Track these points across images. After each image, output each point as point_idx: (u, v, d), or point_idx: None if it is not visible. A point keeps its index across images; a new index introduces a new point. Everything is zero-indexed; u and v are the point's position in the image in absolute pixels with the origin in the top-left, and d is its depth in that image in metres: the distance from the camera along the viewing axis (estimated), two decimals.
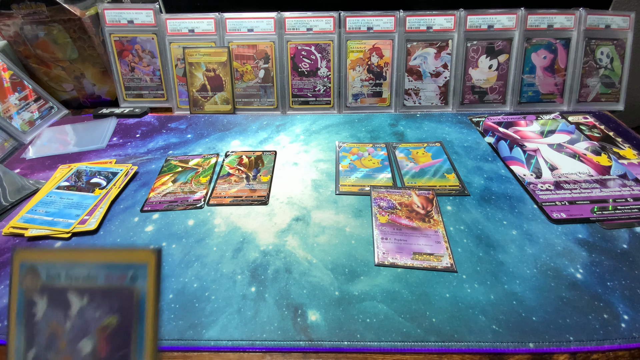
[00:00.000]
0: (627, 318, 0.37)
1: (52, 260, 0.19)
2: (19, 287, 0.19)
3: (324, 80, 0.77)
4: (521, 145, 0.64)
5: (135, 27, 0.77)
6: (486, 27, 0.75)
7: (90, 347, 0.18)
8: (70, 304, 0.18)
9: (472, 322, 0.37)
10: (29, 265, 0.19)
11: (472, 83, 0.77)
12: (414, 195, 0.53)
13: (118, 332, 0.17)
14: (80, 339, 0.18)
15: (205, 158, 0.64)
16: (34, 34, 0.75)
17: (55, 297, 0.18)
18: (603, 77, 0.76)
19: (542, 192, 0.53)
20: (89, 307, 0.18)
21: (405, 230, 0.48)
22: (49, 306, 0.18)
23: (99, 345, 0.17)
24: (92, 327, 0.18)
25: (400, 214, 0.50)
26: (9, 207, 0.54)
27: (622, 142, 0.64)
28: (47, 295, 0.18)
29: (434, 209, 0.51)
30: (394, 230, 0.48)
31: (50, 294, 0.18)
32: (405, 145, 0.66)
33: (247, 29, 0.76)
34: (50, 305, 0.18)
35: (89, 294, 0.18)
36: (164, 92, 0.81)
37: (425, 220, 0.49)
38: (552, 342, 0.36)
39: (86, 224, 0.50)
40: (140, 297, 0.17)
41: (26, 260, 0.19)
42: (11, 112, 0.72)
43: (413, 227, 0.48)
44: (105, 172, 0.59)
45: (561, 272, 0.42)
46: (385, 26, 0.75)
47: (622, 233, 0.47)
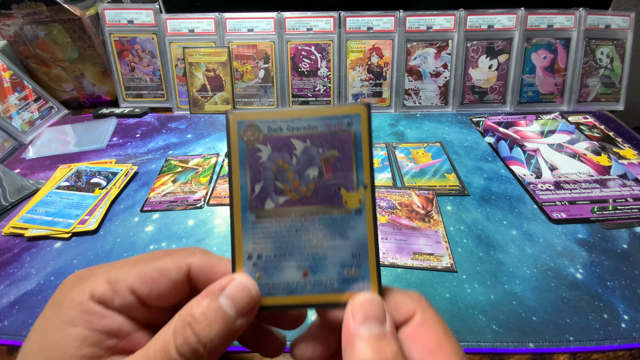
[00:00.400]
0: (627, 318, 0.37)
1: (270, 118, 0.21)
2: (239, 140, 0.21)
3: (324, 80, 0.77)
4: (521, 145, 0.64)
5: (135, 27, 0.77)
6: (486, 27, 0.75)
7: (317, 172, 0.21)
8: (294, 146, 0.21)
9: (472, 322, 0.37)
10: (248, 122, 0.21)
11: (472, 83, 0.77)
12: (414, 195, 0.53)
13: (340, 160, 0.21)
14: (306, 167, 0.21)
15: (205, 158, 0.64)
16: (34, 34, 0.75)
17: (278, 143, 0.21)
18: (603, 77, 0.76)
19: (542, 192, 0.53)
20: (312, 146, 0.21)
21: (405, 230, 0.48)
22: (274, 150, 0.21)
23: (325, 169, 0.21)
24: (317, 158, 0.21)
25: (400, 214, 0.50)
26: (9, 207, 0.54)
27: (622, 142, 0.64)
28: (270, 143, 0.21)
29: (434, 209, 0.51)
30: (393, 230, 0.48)
31: (273, 142, 0.21)
32: (405, 145, 0.66)
33: (247, 29, 0.76)
34: (275, 150, 0.21)
35: (311, 138, 0.21)
36: (164, 92, 0.81)
37: (425, 220, 0.49)
38: (552, 342, 0.36)
39: (86, 224, 0.50)
40: (357, 135, 0.21)
41: (243, 119, 0.21)
42: (11, 112, 0.72)
43: (413, 227, 0.48)
44: (105, 172, 0.59)
45: (561, 272, 0.42)
46: (385, 26, 0.75)
47: (622, 233, 0.47)
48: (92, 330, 0.19)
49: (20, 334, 0.38)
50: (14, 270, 0.45)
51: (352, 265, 0.21)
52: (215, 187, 0.57)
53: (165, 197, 0.55)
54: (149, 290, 0.20)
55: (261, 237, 0.21)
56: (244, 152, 0.21)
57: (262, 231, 0.21)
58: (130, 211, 0.53)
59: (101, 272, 0.21)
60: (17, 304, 0.41)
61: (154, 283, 0.20)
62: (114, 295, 0.20)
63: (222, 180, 0.58)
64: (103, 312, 0.19)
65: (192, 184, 0.57)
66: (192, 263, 0.21)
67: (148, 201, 0.54)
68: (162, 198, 0.55)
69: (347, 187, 0.21)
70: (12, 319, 0.39)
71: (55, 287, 0.42)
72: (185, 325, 0.18)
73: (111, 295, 0.20)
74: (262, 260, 0.21)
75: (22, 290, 0.42)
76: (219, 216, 0.52)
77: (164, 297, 0.21)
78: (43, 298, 0.41)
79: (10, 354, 0.37)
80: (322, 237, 0.21)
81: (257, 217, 0.21)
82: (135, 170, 0.61)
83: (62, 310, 0.19)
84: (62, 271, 0.44)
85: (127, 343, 0.20)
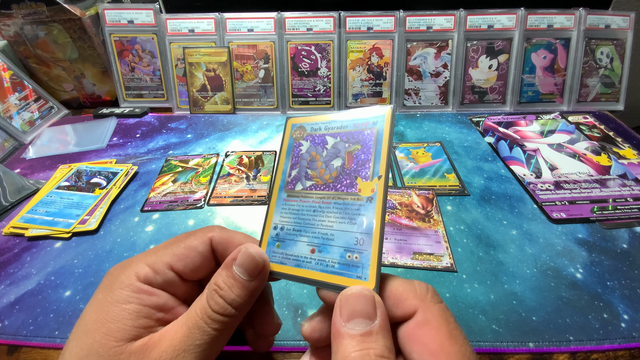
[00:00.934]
0: (627, 318, 0.37)
1: (315, 121, 0.27)
2: (290, 137, 0.28)
3: (324, 80, 0.77)
4: (521, 145, 0.64)
5: (135, 27, 0.77)
6: (486, 27, 0.75)
7: (340, 162, 0.25)
8: (327, 142, 0.26)
9: (472, 321, 0.37)
10: (299, 124, 0.28)
11: (472, 83, 0.77)
12: (414, 195, 0.53)
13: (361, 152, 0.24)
14: (333, 158, 0.25)
15: (205, 158, 0.64)
16: (34, 34, 0.75)
17: (316, 139, 0.27)
18: (603, 77, 0.76)
19: (542, 192, 0.53)
20: (340, 141, 0.25)
21: (405, 230, 0.48)
22: (311, 144, 0.27)
23: (347, 160, 0.25)
24: (342, 151, 0.25)
25: (400, 213, 0.50)
26: (9, 207, 0.54)
27: (622, 142, 0.64)
28: (309, 139, 0.27)
29: (434, 209, 0.51)
30: (394, 230, 0.48)
31: (312, 138, 0.27)
32: (405, 145, 0.66)
33: (247, 29, 0.76)
34: (312, 144, 0.27)
35: (341, 135, 0.26)
36: (164, 92, 0.81)
37: (425, 220, 0.49)
38: (552, 341, 0.36)
39: (86, 224, 0.50)
40: (379, 131, 0.24)
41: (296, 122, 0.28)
42: (11, 112, 0.72)
43: (413, 227, 0.48)
44: (106, 172, 0.59)
45: (561, 271, 0.42)
46: (385, 26, 0.75)
47: (622, 233, 0.47)
48: (144, 305, 0.22)
49: (20, 333, 0.38)
50: (14, 270, 0.45)
51: (355, 251, 0.22)
52: (215, 187, 0.57)
53: (166, 197, 0.55)
54: (184, 265, 0.24)
55: (287, 212, 0.25)
56: (291, 146, 0.27)
57: (289, 207, 0.25)
58: (130, 211, 0.53)
59: (139, 259, 0.24)
60: (17, 304, 0.41)
61: (187, 258, 0.24)
62: (156, 275, 0.23)
63: (222, 180, 0.58)
64: (151, 290, 0.23)
65: (192, 184, 0.57)
66: (213, 237, 0.25)
67: (148, 201, 0.54)
68: (162, 198, 0.55)
69: (364, 176, 0.24)
70: (12, 319, 0.39)
71: (55, 287, 0.42)
72: (212, 292, 0.22)
73: (154, 275, 0.23)
74: (284, 232, 0.25)
75: (23, 290, 0.42)
76: (219, 216, 0.52)
77: (197, 269, 0.25)
78: (43, 298, 0.41)
79: (11, 354, 0.37)
80: (333, 220, 0.23)
81: (289, 196, 0.26)
82: (136, 170, 0.61)
83: (114, 292, 0.22)
84: (62, 271, 0.44)
85: (171, 316, 0.23)
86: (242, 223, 0.50)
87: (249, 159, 0.63)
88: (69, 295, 0.41)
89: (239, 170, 0.61)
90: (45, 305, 0.40)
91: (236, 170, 0.61)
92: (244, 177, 0.59)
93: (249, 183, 0.58)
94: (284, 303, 0.40)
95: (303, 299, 0.40)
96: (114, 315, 0.21)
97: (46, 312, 0.40)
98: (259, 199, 0.54)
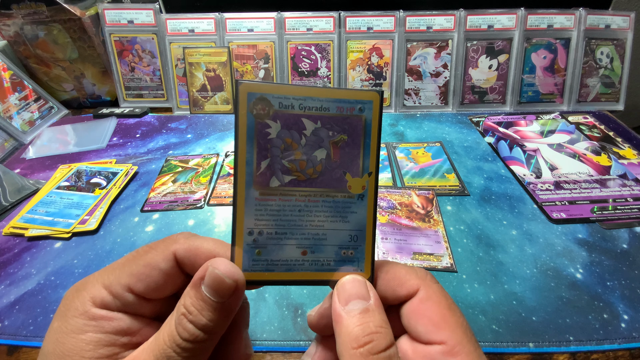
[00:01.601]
0: (627, 318, 0.37)
1: (283, 93, 0.21)
2: (249, 113, 0.21)
3: (324, 80, 0.77)
4: (521, 145, 0.64)
5: (135, 27, 0.77)
6: (486, 27, 0.75)
7: (325, 154, 0.21)
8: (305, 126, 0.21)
9: (472, 322, 0.37)
10: (259, 95, 0.21)
11: (472, 83, 0.77)
12: (414, 195, 0.53)
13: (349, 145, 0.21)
14: (315, 149, 0.21)
15: (205, 158, 0.64)
16: (34, 34, 0.75)
17: (289, 121, 0.21)
18: (603, 77, 0.76)
19: (542, 192, 0.53)
20: (322, 128, 0.21)
21: (405, 230, 0.48)
22: (283, 127, 0.21)
23: (333, 152, 0.21)
24: (325, 141, 0.21)
25: (400, 213, 0.50)
26: (9, 207, 0.54)
27: (622, 142, 0.64)
28: (280, 120, 0.21)
29: (434, 209, 0.51)
30: (394, 230, 0.48)
31: (284, 119, 0.21)
32: (405, 145, 0.66)
33: (247, 29, 0.76)
34: (284, 127, 0.21)
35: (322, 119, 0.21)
36: (164, 92, 0.81)
37: (425, 220, 0.49)
38: (552, 342, 0.36)
39: (86, 224, 0.50)
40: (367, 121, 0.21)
41: (254, 91, 0.21)
42: (11, 112, 0.72)
43: (413, 227, 0.48)
44: (105, 172, 0.59)
45: (561, 272, 0.42)
46: (385, 26, 0.75)
47: (622, 233, 0.47)
48: (104, 332, 0.20)
49: (20, 334, 0.38)
50: (14, 270, 0.45)
51: (350, 247, 0.22)
52: (215, 187, 0.57)
53: (166, 197, 0.55)
54: (145, 285, 0.21)
55: (264, 214, 0.21)
56: (252, 126, 0.21)
57: (266, 208, 0.21)
58: (130, 211, 0.53)
59: (95, 279, 0.21)
60: (17, 304, 0.41)
61: (148, 278, 0.21)
62: (113, 298, 0.20)
63: (222, 180, 0.58)
64: (109, 315, 0.20)
65: (192, 184, 0.57)
66: (177, 250, 0.22)
67: (148, 201, 0.54)
68: (162, 198, 0.55)
69: (353, 172, 0.22)
70: (12, 319, 0.39)
71: (55, 287, 0.42)
72: (181, 316, 0.19)
73: (111, 298, 0.20)
74: (263, 237, 0.21)
75: (22, 290, 0.42)
76: (219, 216, 0.52)
77: (161, 288, 0.22)
78: (43, 298, 0.41)
79: (10, 354, 0.37)
80: (324, 219, 0.22)
81: (262, 194, 0.21)
82: (136, 170, 0.61)
83: (68, 321, 0.20)
84: (62, 271, 0.44)
85: (139, 337, 0.21)
86: None
87: None
88: None
89: None
90: (45, 306, 0.40)
91: None
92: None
93: None
94: (284, 303, 0.40)
95: (303, 299, 0.40)
96: (70, 348, 0.19)
97: (46, 312, 0.40)
98: None
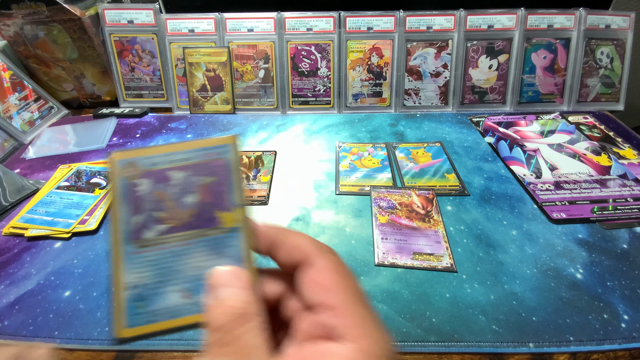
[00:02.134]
0: (627, 318, 0.37)
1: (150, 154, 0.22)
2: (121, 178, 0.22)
3: (324, 80, 0.77)
4: (521, 145, 0.64)
5: (135, 27, 0.77)
6: (486, 27, 0.75)
7: (195, 198, 0.22)
8: (172, 178, 0.22)
9: (472, 322, 0.37)
10: (128, 160, 0.22)
11: (472, 83, 0.77)
12: (414, 195, 0.53)
13: (216, 185, 0.23)
14: (185, 195, 0.22)
15: None
16: (34, 34, 0.75)
17: (157, 176, 0.22)
18: (603, 77, 0.76)
19: (542, 192, 0.53)
20: (189, 175, 0.23)
21: (405, 230, 0.48)
22: (152, 183, 0.22)
23: (203, 195, 0.22)
24: (194, 186, 0.22)
25: (400, 214, 0.50)
26: (9, 207, 0.54)
27: (622, 142, 0.64)
28: (149, 177, 0.22)
29: (434, 209, 0.51)
30: (394, 230, 0.48)
31: (153, 175, 0.22)
32: (405, 145, 0.66)
33: (247, 29, 0.76)
34: (154, 182, 0.22)
35: (189, 168, 0.23)
36: (164, 92, 0.81)
37: (425, 220, 0.49)
38: (552, 342, 0.36)
39: (86, 224, 0.50)
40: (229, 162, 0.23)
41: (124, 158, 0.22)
42: (11, 112, 0.72)
43: (413, 227, 0.48)
44: (105, 172, 0.59)
45: (561, 272, 0.42)
46: (385, 26, 0.75)
47: (622, 233, 0.47)
48: None
49: (20, 334, 0.38)
50: (14, 270, 0.45)
51: None
52: None
53: None
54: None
55: (141, 267, 0.22)
56: (124, 188, 0.22)
57: (143, 260, 0.22)
58: None
59: None
60: (17, 304, 0.41)
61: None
62: None
63: None
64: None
65: None
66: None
67: None
68: None
69: (223, 208, 0.23)
70: (12, 319, 0.39)
71: (55, 287, 0.42)
72: None
73: None
74: (143, 289, 0.21)
75: (22, 290, 0.42)
76: None
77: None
78: (43, 298, 0.41)
79: None
80: (202, 259, 0.22)
81: (138, 248, 0.22)
82: None
83: None
84: (62, 271, 0.44)
85: None
86: None
87: (248, 159, 0.63)
88: (69, 295, 0.41)
89: None
90: (45, 306, 0.40)
91: None
92: (243, 177, 0.59)
93: (248, 183, 0.58)
94: None
95: None
96: None
97: (46, 312, 0.40)
98: (259, 199, 0.54)
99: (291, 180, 0.58)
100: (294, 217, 0.51)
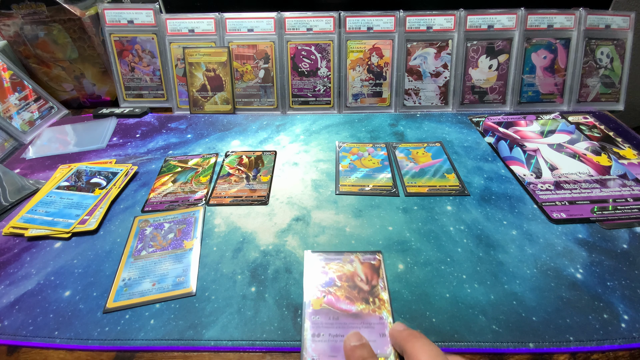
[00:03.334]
0: (627, 318, 0.37)
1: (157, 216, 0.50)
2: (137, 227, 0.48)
3: (324, 80, 0.77)
4: (521, 145, 0.64)
5: (135, 27, 0.77)
6: (486, 27, 0.75)
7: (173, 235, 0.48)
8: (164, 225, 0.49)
9: (472, 322, 0.37)
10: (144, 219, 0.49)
11: (472, 83, 0.77)
12: (357, 263, 0.43)
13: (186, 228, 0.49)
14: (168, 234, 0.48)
15: (204, 158, 0.64)
16: (34, 34, 0.75)
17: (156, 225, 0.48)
18: (603, 77, 0.76)
19: (542, 192, 0.53)
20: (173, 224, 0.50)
21: (343, 320, 0.37)
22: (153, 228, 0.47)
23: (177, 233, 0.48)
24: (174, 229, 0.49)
25: (339, 293, 0.40)
26: (9, 207, 0.54)
27: (622, 142, 0.64)
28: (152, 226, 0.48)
29: (379, 282, 0.41)
30: (329, 320, 0.37)
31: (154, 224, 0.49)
32: (405, 145, 0.66)
33: (247, 29, 0.76)
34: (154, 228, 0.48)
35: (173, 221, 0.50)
36: (164, 92, 0.81)
37: (369, 300, 0.39)
38: (552, 342, 0.36)
39: (86, 224, 0.50)
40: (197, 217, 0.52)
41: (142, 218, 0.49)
42: (11, 112, 0.72)
43: (353, 313, 0.38)
44: (105, 172, 0.59)
45: (561, 272, 0.42)
46: (385, 26, 0.75)
47: (622, 233, 0.47)
48: None
49: (20, 334, 0.38)
50: (14, 270, 0.45)
51: (182, 275, 0.42)
52: (215, 187, 0.57)
53: (166, 197, 0.55)
54: None
55: (134, 269, 0.43)
56: (137, 231, 0.47)
57: (135, 266, 0.43)
58: (130, 211, 0.53)
59: None
60: (17, 304, 0.41)
61: None
62: None
63: (222, 180, 0.58)
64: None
65: (192, 184, 0.57)
66: None
67: (149, 201, 0.54)
68: (163, 198, 0.55)
69: (187, 239, 0.46)
70: (12, 319, 0.39)
71: (55, 287, 0.42)
72: None
73: None
74: (130, 280, 0.42)
75: (22, 290, 0.42)
76: (219, 216, 0.52)
77: None
78: (43, 298, 0.41)
79: (10, 354, 0.37)
80: (168, 265, 0.43)
81: (135, 259, 0.44)
82: (136, 170, 0.61)
83: None
84: (62, 271, 0.44)
85: None
86: (242, 223, 0.50)
87: (248, 159, 0.63)
88: (69, 295, 0.41)
89: (238, 170, 0.61)
90: (44, 306, 0.40)
91: (236, 170, 0.61)
92: (243, 177, 0.59)
93: (248, 183, 0.58)
94: (284, 303, 0.40)
95: (302, 299, 0.40)
96: None
97: (46, 313, 0.40)
98: (258, 199, 0.54)
99: (291, 180, 0.58)
100: (294, 217, 0.51)
